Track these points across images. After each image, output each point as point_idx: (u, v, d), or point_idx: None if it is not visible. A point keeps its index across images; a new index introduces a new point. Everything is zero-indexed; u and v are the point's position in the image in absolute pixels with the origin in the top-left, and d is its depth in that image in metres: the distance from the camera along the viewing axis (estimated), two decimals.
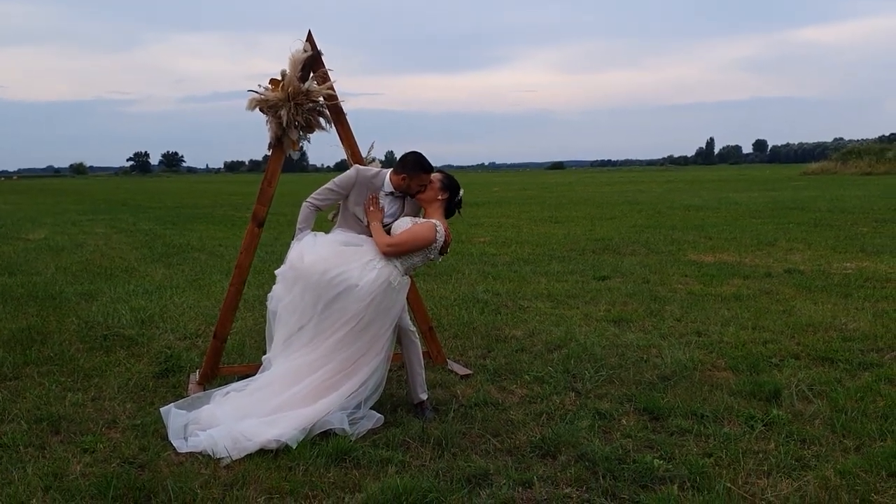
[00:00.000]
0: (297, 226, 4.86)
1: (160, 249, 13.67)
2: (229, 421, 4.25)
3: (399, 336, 4.81)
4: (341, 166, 5.13)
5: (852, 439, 4.16)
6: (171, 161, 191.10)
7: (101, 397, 5.10)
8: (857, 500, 3.47)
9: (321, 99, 5.23)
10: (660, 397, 4.88)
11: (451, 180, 4.86)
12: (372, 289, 4.48)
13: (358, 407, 4.47)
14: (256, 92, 5.15)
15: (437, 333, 5.99)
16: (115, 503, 3.52)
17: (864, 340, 6.17)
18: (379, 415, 4.54)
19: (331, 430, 4.31)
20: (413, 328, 4.86)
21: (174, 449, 4.15)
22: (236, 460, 3.98)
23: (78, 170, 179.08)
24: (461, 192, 4.94)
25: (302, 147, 5.36)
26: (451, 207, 4.91)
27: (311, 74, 5.24)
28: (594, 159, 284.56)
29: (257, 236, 5.37)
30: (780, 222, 16.49)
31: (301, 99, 5.12)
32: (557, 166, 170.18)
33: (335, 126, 5.37)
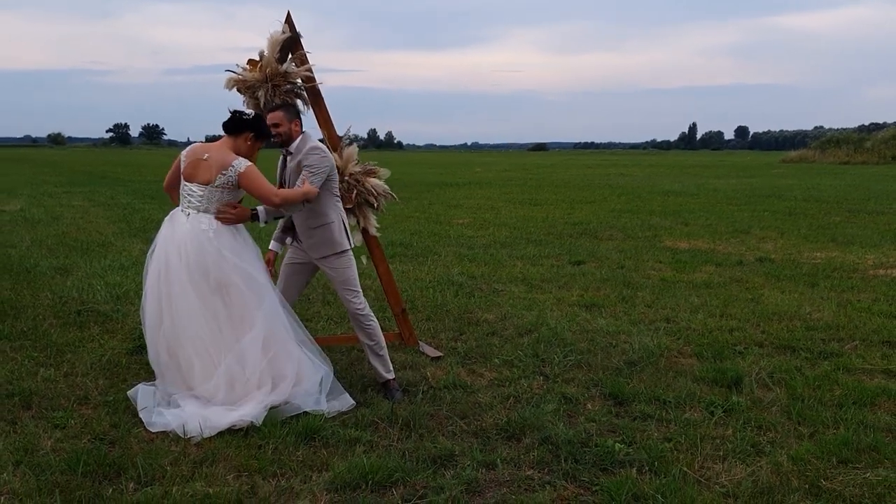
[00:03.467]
0: None
1: (138, 224, 13.62)
2: (194, 407, 4.30)
3: (351, 320, 4.93)
4: None
5: (807, 426, 4.29)
6: (152, 133, 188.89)
7: (73, 373, 5.14)
8: (807, 486, 3.59)
9: (299, 81, 5.25)
10: (625, 383, 4.99)
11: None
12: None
13: (321, 386, 4.53)
14: (234, 72, 5.17)
15: (409, 315, 6.06)
16: (86, 479, 3.58)
17: (826, 330, 6.31)
18: (352, 401, 4.61)
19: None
20: (364, 311, 4.90)
21: (145, 426, 4.21)
22: (206, 438, 4.05)
23: (56, 140, 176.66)
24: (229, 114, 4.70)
25: None
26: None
27: (290, 56, 5.26)
28: (577, 141, 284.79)
29: None
30: (756, 210, 16.68)
31: (279, 80, 5.13)
32: (540, 147, 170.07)
33: (312, 108, 5.39)
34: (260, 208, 4.59)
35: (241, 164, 4.50)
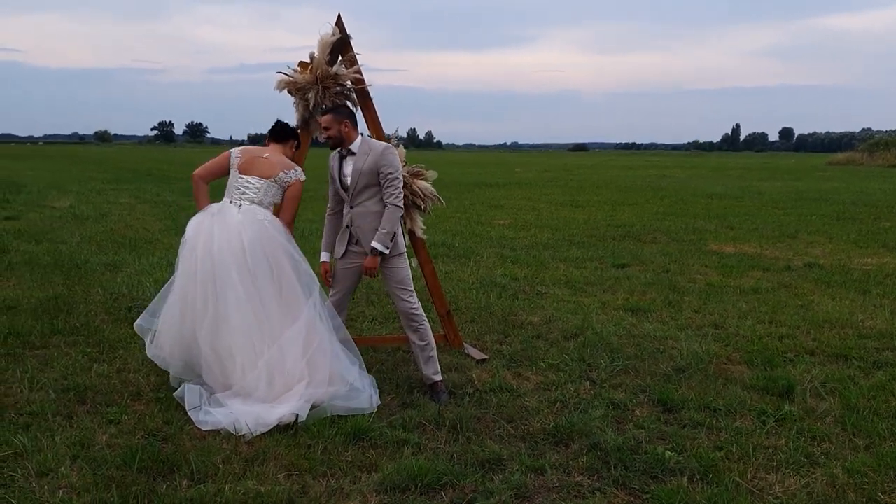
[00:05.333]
0: (322, 240, 5.06)
1: (184, 221, 13.69)
2: (239, 404, 4.35)
3: (402, 320, 4.94)
4: None
5: (862, 438, 4.20)
6: (196, 132, 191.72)
7: (125, 369, 5.23)
8: (864, 499, 3.52)
9: (348, 83, 5.28)
10: (674, 389, 4.93)
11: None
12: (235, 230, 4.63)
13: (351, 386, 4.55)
14: (285, 73, 5.22)
15: (454, 317, 6.06)
16: (141, 475, 3.63)
17: (880, 339, 6.18)
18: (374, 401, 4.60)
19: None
20: (418, 311, 4.90)
21: (196, 424, 4.26)
22: (257, 437, 4.09)
23: (102, 137, 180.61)
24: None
25: None
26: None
27: (340, 58, 5.29)
28: (618, 142, 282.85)
29: None
30: (803, 214, 16.40)
31: (329, 82, 5.17)
32: (580, 148, 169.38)
33: (361, 110, 5.42)
34: (375, 244, 4.67)
35: (301, 174, 4.86)
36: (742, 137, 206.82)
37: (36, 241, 10.86)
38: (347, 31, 5.29)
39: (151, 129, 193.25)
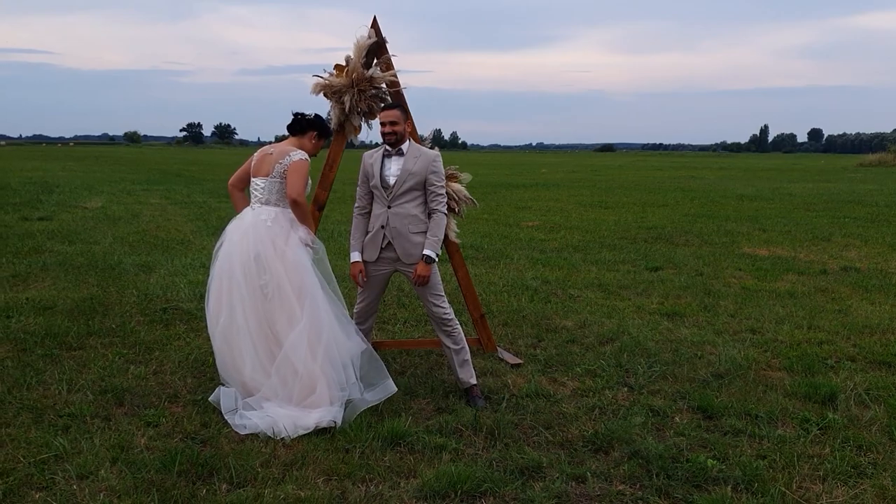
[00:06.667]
0: (350, 240, 4.93)
1: (215, 223, 13.87)
2: (274, 406, 4.34)
3: (435, 325, 4.89)
4: None
5: None
6: (224, 133, 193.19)
7: (162, 371, 5.25)
8: None
9: (384, 85, 5.27)
10: (714, 396, 4.86)
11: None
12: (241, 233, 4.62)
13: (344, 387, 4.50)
14: (321, 77, 5.21)
15: (486, 320, 6.01)
16: (180, 478, 3.63)
17: None
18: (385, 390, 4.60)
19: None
20: (450, 315, 4.84)
21: (233, 428, 4.26)
22: (295, 440, 4.08)
23: (132, 138, 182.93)
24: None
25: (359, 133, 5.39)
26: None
27: (375, 61, 5.28)
28: (645, 142, 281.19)
29: (317, 219, 5.44)
30: (836, 216, 16.16)
31: (364, 85, 5.15)
32: (607, 148, 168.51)
33: None
34: (428, 251, 4.66)
35: (297, 154, 4.69)
36: (770, 138, 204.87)
37: (69, 242, 10.97)
38: (383, 34, 5.27)
39: (180, 131, 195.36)
